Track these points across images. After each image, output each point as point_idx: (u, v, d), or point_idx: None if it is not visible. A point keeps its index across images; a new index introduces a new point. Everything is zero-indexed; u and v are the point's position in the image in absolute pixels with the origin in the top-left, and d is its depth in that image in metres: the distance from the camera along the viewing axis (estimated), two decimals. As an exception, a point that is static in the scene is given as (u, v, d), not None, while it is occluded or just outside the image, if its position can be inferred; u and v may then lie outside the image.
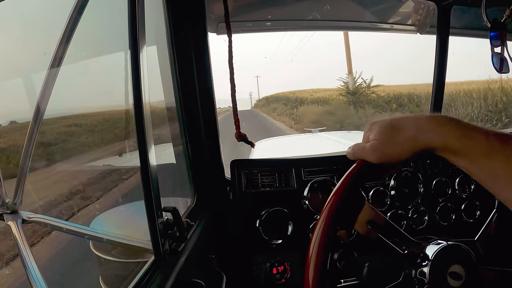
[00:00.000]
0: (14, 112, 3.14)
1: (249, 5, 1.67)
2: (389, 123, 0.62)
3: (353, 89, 17.10)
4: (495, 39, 1.35)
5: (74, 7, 1.30)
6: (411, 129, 0.59)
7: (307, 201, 1.41)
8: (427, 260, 0.72)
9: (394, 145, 0.60)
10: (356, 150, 0.67)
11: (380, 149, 0.62)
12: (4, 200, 1.42)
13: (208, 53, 1.32)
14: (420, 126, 0.58)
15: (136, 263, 1.26)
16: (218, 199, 1.46)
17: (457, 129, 0.55)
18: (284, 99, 32.45)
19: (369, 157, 0.64)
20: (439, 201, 1.53)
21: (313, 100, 24.14)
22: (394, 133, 0.60)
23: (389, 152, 0.61)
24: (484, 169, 0.52)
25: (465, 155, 0.54)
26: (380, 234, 0.73)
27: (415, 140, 0.58)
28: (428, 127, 0.57)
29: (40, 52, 1.70)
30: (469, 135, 0.53)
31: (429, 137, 0.56)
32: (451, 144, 0.55)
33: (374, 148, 0.63)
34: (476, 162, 0.53)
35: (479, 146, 0.52)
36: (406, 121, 0.60)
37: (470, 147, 0.53)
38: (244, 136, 1.29)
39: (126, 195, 4.66)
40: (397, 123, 0.61)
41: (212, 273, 1.24)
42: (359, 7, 1.88)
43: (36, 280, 1.19)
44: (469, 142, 0.53)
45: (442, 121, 0.56)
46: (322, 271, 0.64)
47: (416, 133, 0.58)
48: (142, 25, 0.87)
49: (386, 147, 0.61)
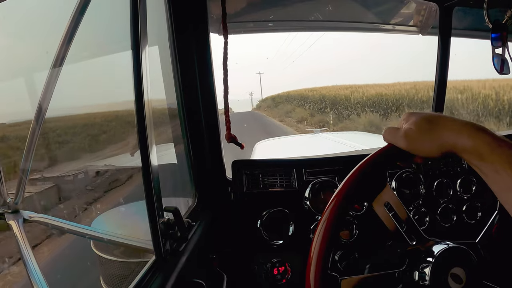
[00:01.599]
0: (14, 112, 3.14)
1: (251, 5, 1.67)
2: (427, 117, 0.64)
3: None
4: (496, 40, 1.35)
5: (76, 7, 1.30)
6: (446, 128, 0.60)
7: (308, 202, 1.41)
8: (430, 257, 0.72)
9: (426, 138, 0.62)
10: (388, 133, 0.68)
11: (413, 137, 0.63)
12: (5, 199, 1.43)
13: (210, 53, 1.32)
14: (455, 127, 0.60)
15: (137, 263, 1.26)
16: (219, 199, 1.46)
17: (489, 137, 0.56)
18: (300, 98, 27.58)
19: (400, 142, 0.65)
20: (441, 202, 1.53)
21: (363, 101, 19.71)
22: (430, 128, 0.62)
23: (420, 143, 0.63)
24: (507, 178, 0.54)
25: (492, 162, 0.55)
26: (395, 219, 0.74)
27: (447, 139, 0.60)
28: (463, 130, 0.58)
29: (41, 52, 1.70)
30: (499, 143, 0.55)
31: (461, 140, 0.58)
32: (480, 149, 0.56)
33: (406, 135, 0.64)
34: (502, 170, 0.54)
35: (506, 155, 0.54)
36: (444, 120, 0.62)
37: (498, 154, 0.55)
38: (234, 138, 1.29)
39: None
40: (434, 119, 0.62)
41: (213, 273, 1.24)
42: (361, 8, 1.88)
43: (37, 279, 1.19)
44: (498, 149, 0.55)
45: (476, 127, 0.58)
46: (323, 272, 0.64)
47: (450, 133, 0.60)
48: (144, 25, 0.87)
49: (418, 137, 0.63)
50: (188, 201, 1.41)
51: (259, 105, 44.42)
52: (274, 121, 22.88)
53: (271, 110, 31.89)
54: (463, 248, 0.74)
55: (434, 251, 0.74)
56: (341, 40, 33.60)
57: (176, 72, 1.30)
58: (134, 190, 4.41)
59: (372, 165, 0.68)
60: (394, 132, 0.67)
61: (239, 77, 23.84)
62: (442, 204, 1.53)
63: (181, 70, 1.29)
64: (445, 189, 1.53)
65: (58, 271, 2.76)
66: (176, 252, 0.99)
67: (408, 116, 0.67)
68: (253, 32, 1.88)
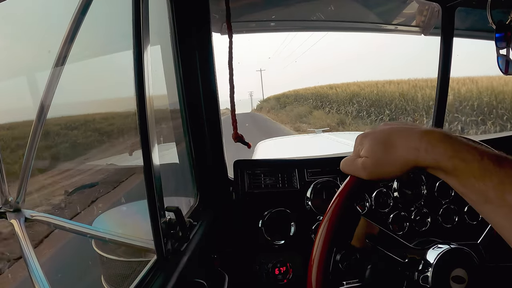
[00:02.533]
0: (16, 112, 3.15)
1: (253, 5, 1.67)
2: (379, 139, 0.60)
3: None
4: (501, 41, 1.34)
5: (78, 7, 1.30)
6: (402, 147, 0.57)
7: (310, 202, 1.41)
8: (429, 266, 0.72)
9: (385, 164, 0.59)
10: (348, 165, 0.66)
11: (371, 167, 0.61)
12: (7, 198, 1.43)
13: (212, 53, 1.32)
14: (411, 144, 0.56)
15: (139, 262, 1.26)
16: (221, 199, 1.46)
17: (450, 149, 0.53)
18: (315, 98, 21.80)
19: (361, 174, 0.63)
20: (442, 203, 1.52)
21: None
22: (386, 151, 0.59)
23: (380, 171, 0.61)
24: (475, 192, 0.50)
25: (456, 176, 0.52)
26: (379, 246, 0.72)
27: (406, 159, 0.57)
28: (420, 146, 0.55)
29: (43, 51, 1.70)
30: (462, 156, 0.51)
31: (420, 156, 0.55)
32: (442, 164, 0.53)
33: (365, 166, 0.62)
34: (468, 184, 0.51)
35: (471, 168, 0.50)
36: (398, 137, 0.58)
37: (462, 169, 0.51)
38: (241, 137, 1.29)
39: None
40: (388, 140, 0.59)
41: (215, 273, 1.24)
42: (363, 8, 1.88)
43: (38, 278, 1.19)
44: (462, 164, 0.51)
45: (435, 139, 0.54)
46: (325, 273, 0.64)
47: (407, 152, 0.56)
48: (146, 24, 0.87)
49: (377, 166, 0.61)
50: (190, 200, 1.41)
51: (261, 106, 39.87)
52: (285, 128, 18.42)
53: (277, 113, 26.98)
54: (464, 249, 0.74)
55: (435, 252, 0.74)
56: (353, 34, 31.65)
57: (178, 72, 1.30)
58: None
59: (344, 205, 0.66)
60: (352, 164, 0.65)
61: (238, 77, 23.12)
62: (443, 205, 1.52)
63: (183, 70, 1.29)
64: (446, 190, 1.53)
65: (59, 270, 2.77)
66: (178, 252, 0.98)
67: (361, 140, 0.64)
68: (255, 31, 1.88)
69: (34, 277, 1.20)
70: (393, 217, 1.46)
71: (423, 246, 0.77)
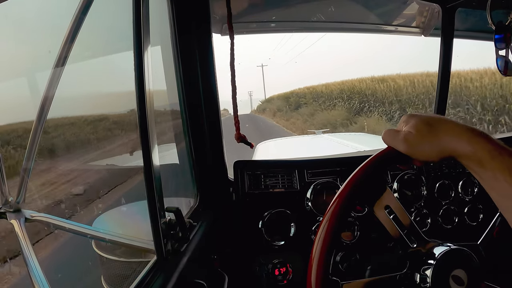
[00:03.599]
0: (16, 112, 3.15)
1: (253, 6, 1.67)
2: (427, 120, 0.63)
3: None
4: (500, 42, 1.34)
5: (78, 7, 1.30)
6: (446, 133, 0.60)
7: (310, 203, 1.41)
8: (431, 259, 0.72)
9: (426, 143, 0.62)
10: (388, 136, 0.68)
11: (412, 141, 0.63)
12: (7, 198, 1.43)
13: (212, 54, 1.32)
14: (455, 132, 0.59)
15: (138, 262, 1.26)
16: (221, 199, 1.46)
17: (489, 143, 0.56)
18: (351, 96, 15.17)
19: (399, 145, 0.65)
20: (442, 204, 1.52)
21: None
22: (430, 132, 0.61)
23: (419, 148, 0.63)
24: (506, 186, 0.53)
25: (490, 169, 0.55)
26: (396, 222, 0.74)
27: (447, 144, 0.59)
28: (463, 135, 0.58)
29: (44, 52, 1.71)
30: (499, 151, 0.55)
31: (461, 145, 0.58)
32: (480, 155, 0.56)
33: (406, 138, 0.64)
34: (500, 177, 0.54)
35: (506, 163, 0.54)
36: (444, 124, 0.61)
37: (499, 162, 0.54)
38: (243, 138, 1.29)
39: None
40: (434, 123, 0.62)
41: (214, 274, 1.24)
42: (364, 9, 1.88)
43: (38, 278, 1.19)
44: (498, 157, 0.54)
45: (475, 133, 0.58)
46: (325, 273, 0.64)
47: (450, 138, 0.59)
48: (147, 24, 0.87)
49: (418, 141, 0.62)
50: (190, 201, 1.41)
51: (263, 107, 34.46)
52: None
53: (288, 117, 21.21)
54: (464, 250, 0.74)
55: (435, 253, 0.74)
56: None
57: (178, 73, 1.30)
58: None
59: (373, 168, 0.68)
60: (394, 135, 0.66)
61: (237, 75, 21.97)
62: (444, 205, 1.52)
63: (183, 70, 1.29)
64: (447, 191, 1.53)
65: (59, 270, 2.77)
66: (178, 253, 0.98)
67: (408, 118, 0.66)
68: (256, 32, 1.88)
69: (34, 277, 1.20)
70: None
71: (423, 247, 0.77)
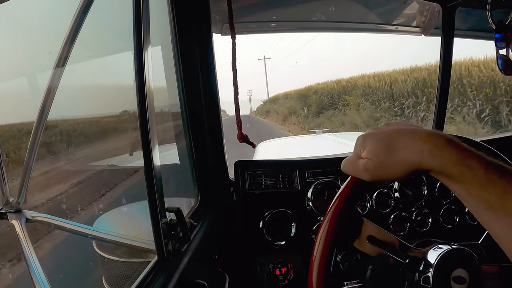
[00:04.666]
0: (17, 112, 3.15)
1: (254, 6, 1.67)
2: (382, 141, 0.59)
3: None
4: (500, 41, 1.34)
5: (79, 7, 1.30)
6: (406, 150, 0.55)
7: (310, 202, 1.41)
8: (430, 266, 0.72)
9: (388, 166, 0.58)
10: (349, 166, 0.65)
11: (373, 169, 0.59)
12: (8, 199, 1.43)
13: (213, 54, 1.32)
14: (415, 146, 0.55)
15: (139, 263, 1.26)
16: (222, 199, 1.46)
17: (456, 154, 0.51)
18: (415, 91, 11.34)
19: (362, 175, 0.62)
20: (443, 204, 1.52)
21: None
22: (388, 153, 0.57)
23: (382, 173, 0.59)
24: (478, 199, 0.50)
25: (461, 182, 0.51)
26: (380, 247, 0.71)
27: (410, 162, 0.55)
28: (425, 148, 0.53)
29: (44, 52, 1.71)
30: (468, 163, 0.50)
31: (425, 159, 0.53)
32: (447, 169, 0.52)
33: (366, 168, 0.60)
34: (472, 191, 0.50)
35: (477, 176, 0.50)
36: (401, 139, 0.57)
37: (468, 176, 0.50)
38: (246, 137, 1.29)
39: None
40: (390, 141, 0.57)
41: (215, 274, 1.24)
42: (364, 9, 1.88)
43: (39, 279, 1.19)
44: (467, 171, 0.50)
45: (440, 143, 0.53)
46: (326, 273, 0.64)
47: (411, 154, 0.55)
48: (147, 25, 0.87)
49: (379, 168, 0.59)
50: (191, 201, 1.41)
51: (266, 109, 29.33)
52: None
53: (312, 123, 16.77)
54: (465, 250, 0.74)
55: (436, 252, 0.73)
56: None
57: (178, 73, 1.30)
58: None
59: (345, 206, 0.65)
60: (354, 165, 0.63)
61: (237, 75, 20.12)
62: (444, 205, 1.52)
63: (183, 70, 1.29)
64: (447, 190, 1.52)
65: (60, 270, 2.77)
66: (178, 253, 0.98)
67: (363, 141, 0.62)
68: (256, 32, 1.88)
69: (34, 277, 1.20)
70: (394, 217, 1.46)
71: (423, 247, 0.77)
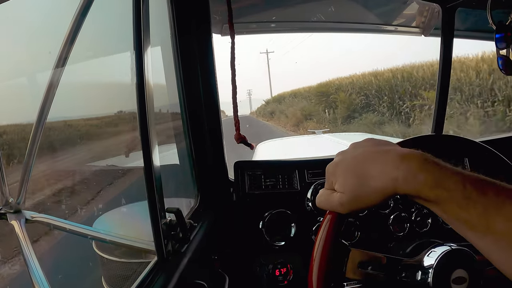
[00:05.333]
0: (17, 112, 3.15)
1: (253, 6, 1.67)
2: (353, 171, 0.57)
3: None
4: (501, 42, 1.34)
5: (78, 8, 1.30)
6: (379, 178, 0.54)
7: (310, 203, 1.41)
8: (429, 267, 0.71)
9: (363, 197, 0.57)
10: (324, 202, 0.63)
11: (349, 203, 0.58)
12: (7, 199, 1.43)
13: (213, 54, 1.32)
14: (388, 172, 0.53)
15: (139, 263, 1.26)
16: (221, 200, 1.46)
17: (431, 178, 0.50)
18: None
19: (339, 209, 0.61)
20: (443, 204, 1.52)
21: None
22: (361, 185, 0.56)
23: (358, 205, 0.58)
24: (459, 220, 0.49)
25: (439, 205, 0.50)
26: (373, 269, 0.70)
27: (384, 190, 0.54)
28: (398, 175, 0.52)
29: (44, 53, 1.71)
30: (444, 185, 0.49)
31: (399, 186, 0.52)
32: (423, 194, 0.50)
33: (342, 203, 0.59)
34: (451, 212, 0.49)
35: (454, 198, 0.48)
36: (372, 165, 0.55)
37: (446, 199, 0.49)
38: (243, 138, 1.28)
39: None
40: (362, 170, 0.56)
41: (215, 275, 1.24)
42: (364, 9, 1.88)
43: (38, 279, 1.19)
44: (444, 193, 0.49)
45: (414, 167, 0.51)
46: (326, 274, 0.63)
47: (385, 182, 0.53)
48: (147, 25, 0.87)
49: (354, 202, 0.58)
50: (190, 201, 1.41)
51: (269, 110, 27.00)
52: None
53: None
54: (465, 250, 0.74)
55: (436, 253, 0.73)
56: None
57: (178, 73, 1.30)
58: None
59: (329, 243, 0.65)
60: (328, 200, 0.61)
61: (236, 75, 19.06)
62: (444, 205, 1.52)
63: (183, 70, 1.29)
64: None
65: (59, 271, 2.76)
66: (178, 253, 0.98)
67: (333, 171, 0.61)
68: (256, 32, 1.88)
69: (34, 277, 1.20)
70: (394, 218, 1.46)
71: (423, 247, 0.77)
